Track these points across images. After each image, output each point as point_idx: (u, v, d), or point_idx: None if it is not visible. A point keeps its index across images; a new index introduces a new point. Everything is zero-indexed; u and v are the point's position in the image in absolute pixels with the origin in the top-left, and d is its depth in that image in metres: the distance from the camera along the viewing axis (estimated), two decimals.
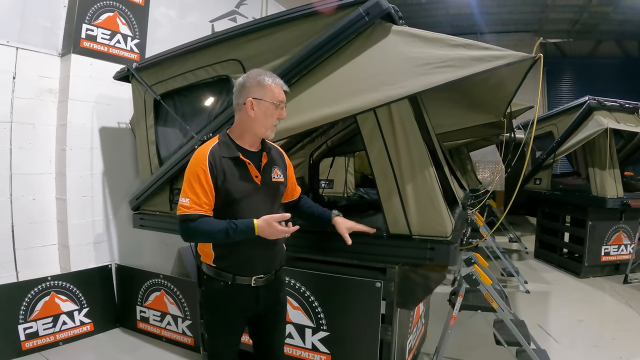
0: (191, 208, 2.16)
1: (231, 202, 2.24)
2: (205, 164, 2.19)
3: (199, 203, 2.17)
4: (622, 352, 4.15)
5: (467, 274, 3.40)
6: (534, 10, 13.44)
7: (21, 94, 4.27)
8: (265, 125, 2.29)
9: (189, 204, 2.16)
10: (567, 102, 7.26)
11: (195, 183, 2.18)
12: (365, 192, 7.52)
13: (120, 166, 5.02)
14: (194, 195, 2.17)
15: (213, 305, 2.42)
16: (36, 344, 4.01)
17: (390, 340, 3.00)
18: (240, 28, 3.19)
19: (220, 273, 2.33)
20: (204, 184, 2.17)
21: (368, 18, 2.68)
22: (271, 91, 2.26)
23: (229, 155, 2.25)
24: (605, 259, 6.70)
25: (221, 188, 2.21)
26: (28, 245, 4.37)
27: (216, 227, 2.17)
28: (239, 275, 2.31)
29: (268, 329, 2.55)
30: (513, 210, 7.45)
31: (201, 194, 2.17)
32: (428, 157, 2.87)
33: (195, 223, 2.16)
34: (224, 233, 2.16)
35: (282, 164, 2.53)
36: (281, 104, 2.30)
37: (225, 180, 2.22)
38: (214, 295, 2.39)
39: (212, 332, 2.47)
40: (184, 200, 2.18)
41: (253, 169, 2.29)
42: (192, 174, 2.19)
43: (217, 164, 2.21)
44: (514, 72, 3.14)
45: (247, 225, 2.18)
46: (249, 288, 2.34)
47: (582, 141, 6.34)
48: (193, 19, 6.11)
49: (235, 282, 2.31)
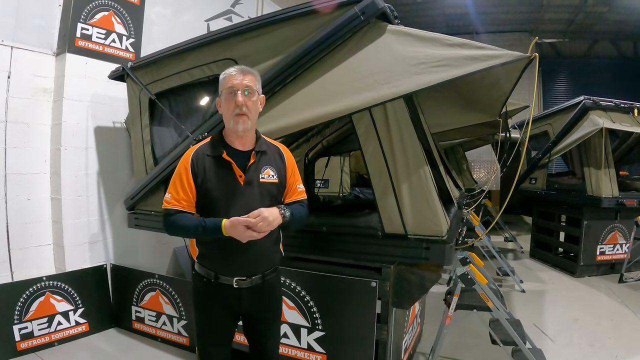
0: (170, 203, 2.26)
1: (211, 201, 2.25)
2: (188, 162, 2.26)
3: (177, 199, 2.26)
4: (618, 351, 4.16)
5: (463, 273, 3.40)
6: (529, 10, 13.45)
7: (16, 93, 4.24)
8: (227, 118, 2.26)
9: (170, 199, 2.27)
10: (563, 102, 7.27)
11: (177, 180, 2.27)
12: (360, 191, 7.53)
13: (115, 166, 5.00)
14: (175, 192, 2.27)
15: (197, 302, 2.46)
16: (31, 345, 3.99)
17: (385, 339, 3.01)
18: (235, 27, 3.19)
19: (204, 269, 2.36)
20: (184, 181, 2.25)
21: (363, 17, 2.68)
22: (223, 81, 2.26)
23: (213, 154, 2.27)
24: (600, 258, 6.72)
25: (201, 186, 2.26)
26: (23, 245, 4.34)
27: (188, 223, 2.23)
28: (220, 274, 2.31)
29: (260, 333, 2.51)
30: (508, 210, 7.49)
31: (180, 190, 2.25)
32: (423, 157, 2.87)
33: (172, 217, 2.26)
34: (194, 229, 2.21)
35: (279, 163, 2.41)
36: (232, 89, 2.21)
37: (205, 178, 2.25)
38: (197, 292, 2.44)
39: (198, 329, 2.49)
40: (166, 196, 2.29)
41: (236, 169, 2.25)
42: (177, 171, 2.29)
43: (199, 162, 2.26)
44: (510, 71, 3.14)
45: (215, 224, 2.16)
46: (231, 288, 2.31)
47: (578, 141, 6.35)
48: (188, 18, 6.10)
49: (218, 280, 2.31)
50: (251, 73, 2.27)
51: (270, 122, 2.89)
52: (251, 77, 2.25)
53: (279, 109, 2.93)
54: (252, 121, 2.26)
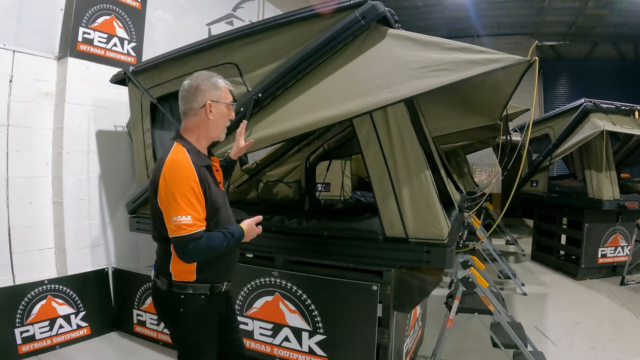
0: (195, 225, 2.00)
1: (214, 212, 2.18)
2: (195, 175, 2.06)
3: (200, 219, 2.04)
4: (620, 353, 4.16)
5: (464, 276, 3.41)
6: (530, 13, 13.47)
7: (18, 97, 4.26)
8: (222, 128, 2.28)
9: (192, 222, 1.99)
10: (563, 105, 7.29)
11: (192, 197, 2.02)
12: (361, 195, 7.52)
13: (116, 169, 5.02)
14: (194, 211, 2.01)
15: (198, 324, 2.26)
16: (33, 348, 3.99)
17: (387, 343, 3.00)
18: (236, 31, 3.20)
19: (200, 287, 2.21)
20: (199, 197, 2.06)
21: (364, 22, 2.69)
22: (225, 92, 2.25)
23: (205, 164, 2.20)
24: (602, 260, 6.72)
25: (209, 199, 2.13)
26: (25, 248, 4.35)
27: (220, 240, 2.10)
28: (215, 283, 2.26)
29: (232, 324, 2.52)
30: (509, 213, 7.48)
31: (199, 208, 2.05)
32: (424, 160, 2.87)
33: (202, 241, 2.03)
34: (225, 245, 2.11)
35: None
36: (233, 105, 2.30)
37: (210, 190, 2.15)
38: (197, 312, 2.24)
39: (199, 353, 2.30)
40: (184, 219, 1.98)
41: (219, 176, 2.29)
42: (187, 188, 2.02)
43: (201, 173, 2.11)
44: (510, 75, 3.14)
45: (239, 231, 2.18)
46: (222, 294, 2.33)
47: (579, 143, 6.36)
48: (190, 23, 6.12)
49: (213, 292, 2.26)
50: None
51: (272, 126, 2.90)
52: None
53: (280, 112, 2.93)
54: None
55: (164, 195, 2.04)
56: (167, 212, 2.03)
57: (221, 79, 2.28)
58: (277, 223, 3.49)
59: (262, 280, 3.42)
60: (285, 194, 5.34)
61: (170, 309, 2.26)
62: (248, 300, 3.51)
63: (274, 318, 3.42)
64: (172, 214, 2.00)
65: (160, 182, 2.05)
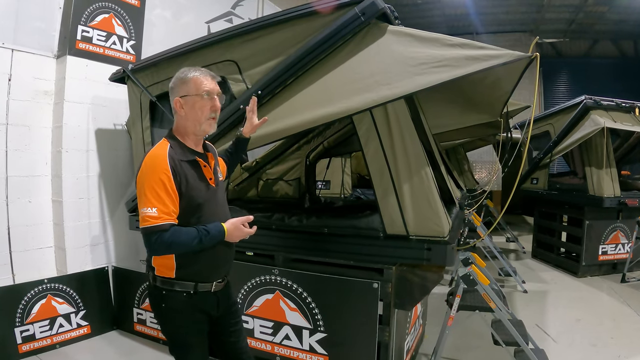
0: (160, 218, 2.00)
1: (195, 208, 2.16)
2: (167, 169, 2.05)
3: (167, 212, 2.02)
4: (621, 351, 4.15)
5: (465, 274, 3.40)
6: (529, 10, 13.47)
7: (17, 96, 4.24)
8: (199, 121, 2.20)
9: (157, 214, 1.99)
10: (564, 102, 7.28)
11: (160, 190, 2.02)
12: (362, 192, 7.52)
13: (116, 168, 5.01)
14: (161, 204, 2.01)
15: (179, 321, 2.25)
16: (33, 347, 3.98)
17: (387, 341, 3.00)
18: (236, 29, 3.19)
19: (181, 284, 2.19)
20: (169, 190, 2.04)
21: (364, 18, 2.68)
22: (195, 83, 2.18)
23: (187, 159, 2.18)
24: (602, 258, 6.71)
25: (185, 194, 2.11)
26: (24, 247, 4.34)
27: (190, 235, 2.06)
28: (200, 282, 2.22)
29: (227, 327, 2.47)
30: (510, 210, 7.47)
31: (168, 201, 2.03)
32: (425, 157, 2.87)
33: (168, 233, 2.01)
34: (197, 240, 2.06)
35: (217, 157, 2.49)
36: (210, 94, 2.20)
37: (188, 185, 2.12)
38: (177, 309, 2.22)
39: (185, 350, 2.29)
40: (149, 211, 2.00)
41: (208, 171, 2.26)
42: (155, 181, 2.03)
43: (178, 167, 2.10)
44: (510, 71, 3.14)
45: (218, 230, 2.12)
46: (210, 295, 2.27)
47: (579, 140, 6.35)
48: (189, 20, 6.10)
49: (198, 290, 2.21)
50: (217, 78, 2.30)
51: (271, 124, 2.88)
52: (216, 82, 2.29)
53: (279, 110, 2.93)
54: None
55: (138, 188, 2.09)
56: (139, 204, 2.07)
57: (195, 70, 2.22)
58: (277, 221, 3.48)
59: (262, 278, 3.42)
60: (285, 192, 5.34)
61: (156, 304, 2.28)
62: (248, 299, 3.50)
63: (274, 316, 3.41)
64: (141, 206, 2.04)
65: (137, 175, 2.12)
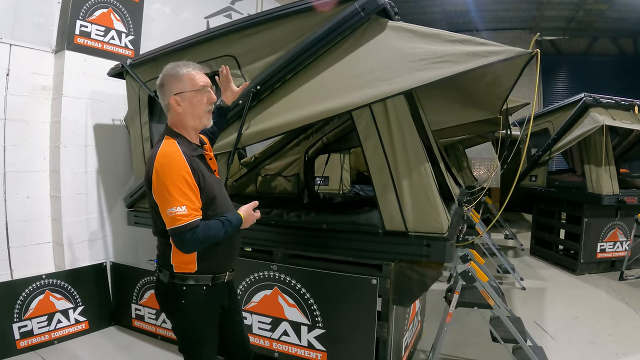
0: (190, 215, 2.00)
1: (211, 200, 2.19)
2: (187, 165, 2.07)
3: (195, 208, 2.04)
4: (619, 348, 4.16)
5: (463, 270, 3.40)
6: (529, 7, 13.45)
7: (15, 90, 4.23)
8: (199, 115, 2.23)
9: (188, 212, 2.00)
10: (563, 99, 7.28)
11: (185, 188, 2.03)
12: (360, 189, 7.51)
13: (114, 163, 5.00)
14: (189, 202, 2.02)
15: (199, 315, 2.28)
16: (31, 343, 3.99)
17: (386, 337, 3.00)
18: (235, 24, 3.17)
19: (199, 278, 2.22)
20: (192, 187, 2.06)
21: (364, 14, 2.66)
22: (189, 79, 2.19)
23: (196, 154, 2.21)
24: (600, 255, 6.73)
25: (204, 188, 2.14)
26: (22, 243, 4.33)
27: (217, 228, 2.10)
28: (217, 273, 2.28)
29: (230, 317, 2.49)
30: (509, 207, 7.46)
31: (194, 198, 2.06)
32: (424, 154, 2.86)
33: (200, 230, 2.03)
34: (223, 232, 2.11)
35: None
36: (205, 88, 2.22)
37: (205, 179, 2.16)
38: (199, 303, 2.26)
39: (199, 344, 2.31)
40: (179, 210, 1.99)
41: (214, 163, 2.30)
42: (179, 179, 2.02)
43: (193, 164, 2.12)
44: (510, 68, 3.12)
45: (237, 218, 2.19)
46: (224, 285, 2.33)
47: (578, 138, 6.35)
48: (188, 15, 6.08)
49: (215, 282, 2.27)
50: (205, 69, 2.32)
51: (270, 119, 2.88)
52: None
53: (278, 105, 2.92)
54: None
55: (157, 189, 2.05)
56: (162, 204, 2.04)
57: (186, 66, 2.23)
58: (275, 217, 3.47)
59: (260, 274, 3.41)
60: (284, 188, 5.33)
61: (173, 301, 2.27)
62: (247, 294, 3.49)
63: (272, 312, 3.40)
64: (167, 206, 2.01)
65: (153, 176, 2.06)
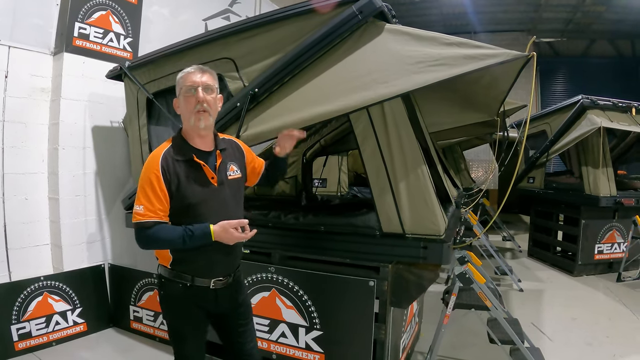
0: (145, 215, 2.10)
1: (187, 207, 2.19)
2: (157, 169, 2.14)
3: (152, 210, 2.11)
4: (616, 349, 4.17)
5: (461, 272, 3.41)
6: (527, 9, 13.47)
7: (13, 92, 4.23)
8: (187, 116, 2.23)
9: (143, 211, 2.11)
10: (561, 101, 7.30)
11: (149, 189, 2.12)
12: (358, 191, 7.52)
13: (112, 165, 5.00)
14: (148, 202, 2.12)
15: (175, 309, 2.36)
16: (29, 345, 3.98)
17: (383, 339, 3.00)
18: (233, 26, 3.18)
19: (178, 274, 2.27)
20: (157, 190, 2.12)
21: (361, 16, 2.68)
22: (181, 81, 2.24)
23: (183, 158, 2.21)
24: (598, 257, 6.73)
25: (176, 193, 2.16)
26: (20, 245, 4.33)
27: (172, 234, 2.12)
28: (197, 277, 2.27)
29: (238, 332, 2.50)
30: (506, 209, 7.48)
31: (155, 200, 2.12)
32: (421, 156, 2.87)
33: (151, 231, 2.11)
34: (180, 240, 2.11)
35: (238, 156, 2.48)
36: (192, 87, 2.20)
37: (180, 184, 2.17)
38: (173, 298, 2.33)
39: (179, 338, 2.39)
40: (137, 208, 2.12)
41: (208, 171, 2.24)
42: (145, 181, 2.14)
43: (170, 167, 2.16)
44: (507, 70, 3.14)
45: (203, 231, 2.13)
46: (208, 290, 2.29)
47: (576, 140, 6.36)
48: (186, 18, 6.09)
49: (194, 283, 2.26)
50: (209, 71, 2.29)
51: (268, 122, 2.89)
52: (209, 75, 2.27)
53: (276, 108, 2.92)
54: (212, 118, 2.28)
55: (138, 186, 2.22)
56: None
57: (187, 68, 2.27)
58: (273, 218, 3.48)
59: (258, 276, 3.42)
60: (282, 190, 5.34)
61: (158, 291, 2.42)
62: None
63: (270, 314, 3.41)
64: (134, 203, 2.16)
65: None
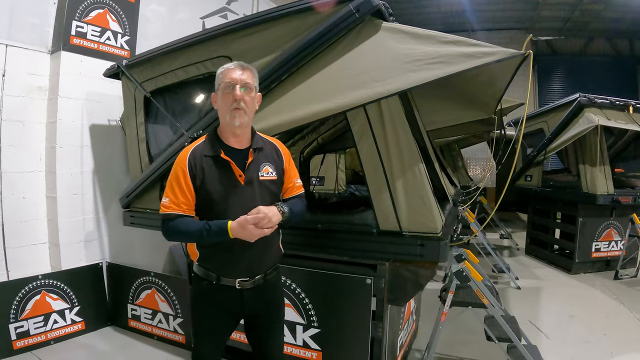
0: (169, 208, 2.18)
1: (211, 203, 2.20)
2: (185, 164, 2.19)
3: (177, 203, 2.18)
4: (613, 347, 4.18)
5: (458, 270, 3.41)
6: (525, 7, 13.46)
7: (11, 91, 4.24)
8: (223, 112, 2.22)
9: (168, 204, 2.18)
10: (558, 99, 7.30)
11: (175, 183, 2.19)
12: (356, 189, 7.53)
13: (110, 164, 5.00)
14: (173, 195, 2.18)
15: (199, 305, 2.38)
16: (27, 343, 3.98)
17: (381, 336, 3.01)
18: (230, 25, 3.18)
19: (206, 272, 2.30)
20: (182, 184, 2.18)
21: (358, 15, 2.67)
22: (219, 78, 2.23)
23: (211, 154, 2.21)
24: (595, 255, 6.75)
25: (201, 188, 2.19)
26: (18, 243, 4.34)
27: (191, 228, 2.16)
28: (222, 276, 2.27)
29: (262, 334, 2.48)
30: (504, 207, 7.49)
31: (179, 194, 2.18)
32: (418, 154, 2.87)
33: (173, 222, 2.18)
34: (198, 234, 2.14)
35: (277, 159, 2.39)
36: (230, 84, 2.18)
37: (205, 180, 2.19)
38: (199, 294, 2.37)
39: (198, 332, 2.42)
40: (164, 200, 2.20)
41: (236, 168, 2.21)
42: (173, 174, 2.21)
43: (197, 163, 2.19)
44: (504, 69, 3.15)
45: (220, 227, 2.12)
46: (233, 290, 2.27)
47: (573, 138, 6.36)
48: (183, 16, 6.09)
49: (220, 282, 2.27)
50: (249, 69, 2.25)
51: (266, 119, 2.89)
52: (249, 73, 2.23)
53: (274, 106, 2.92)
54: (248, 117, 2.23)
55: None
56: None
57: (228, 64, 2.27)
58: None
59: None
60: None
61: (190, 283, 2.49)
62: None
63: None
64: (163, 195, 2.26)
65: None
